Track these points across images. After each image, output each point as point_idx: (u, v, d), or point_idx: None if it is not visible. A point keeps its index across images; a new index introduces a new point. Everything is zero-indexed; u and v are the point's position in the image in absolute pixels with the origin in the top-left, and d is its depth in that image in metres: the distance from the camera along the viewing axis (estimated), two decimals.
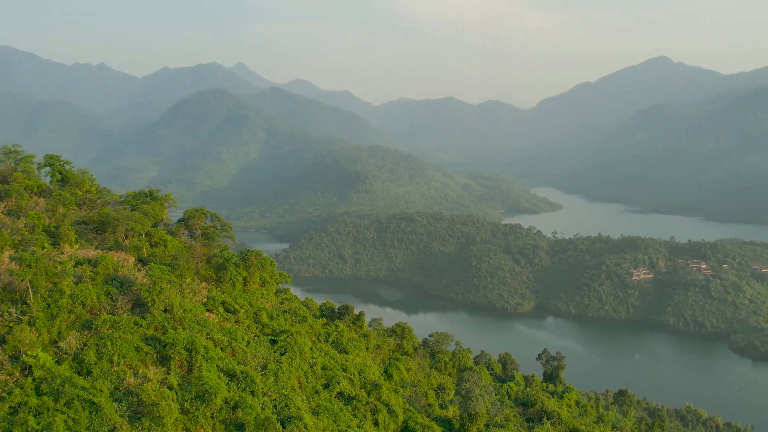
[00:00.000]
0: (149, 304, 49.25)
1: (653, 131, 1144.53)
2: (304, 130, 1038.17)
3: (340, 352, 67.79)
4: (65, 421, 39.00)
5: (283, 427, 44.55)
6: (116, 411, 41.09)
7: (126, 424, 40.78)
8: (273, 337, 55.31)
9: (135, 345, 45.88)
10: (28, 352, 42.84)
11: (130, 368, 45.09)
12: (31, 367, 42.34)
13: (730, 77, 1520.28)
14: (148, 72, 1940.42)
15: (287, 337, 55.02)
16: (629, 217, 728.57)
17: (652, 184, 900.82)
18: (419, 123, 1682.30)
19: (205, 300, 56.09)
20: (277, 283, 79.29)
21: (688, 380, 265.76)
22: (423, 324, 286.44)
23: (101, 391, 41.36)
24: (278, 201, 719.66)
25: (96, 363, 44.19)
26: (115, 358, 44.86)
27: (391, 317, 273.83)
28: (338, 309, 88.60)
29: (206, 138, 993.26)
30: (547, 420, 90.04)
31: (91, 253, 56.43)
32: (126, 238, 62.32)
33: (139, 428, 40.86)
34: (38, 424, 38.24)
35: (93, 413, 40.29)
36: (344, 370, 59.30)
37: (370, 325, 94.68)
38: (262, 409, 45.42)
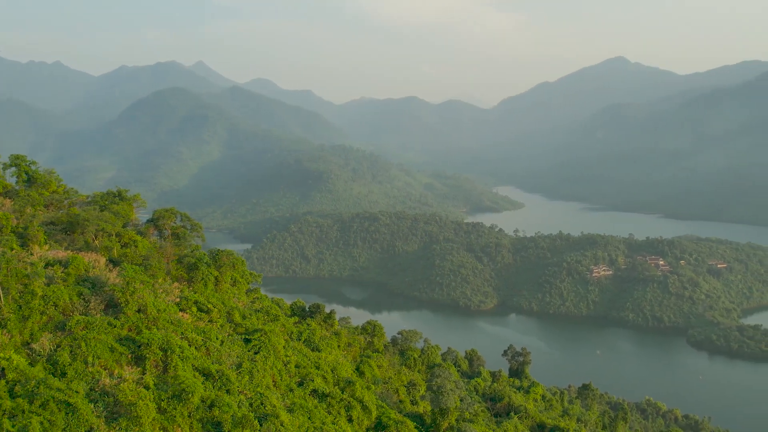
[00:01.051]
0: (123, 305, 49.02)
1: (612, 130, 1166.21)
2: (265, 130, 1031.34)
3: (313, 350, 68.23)
4: (41, 423, 38.74)
5: (260, 425, 44.84)
6: (93, 412, 40.94)
7: (103, 425, 40.66)
8: (247, 336, 55.54)
9: (109, 345, 45.68)
10: (1, 355, 42.39)
11: (105, 369, 44.89)
12: (3, 369, 41.90)
13: (685, 77, 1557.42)
14: (106, 70, 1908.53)
15: (261, 335, 55.29)
16: (589, 215, 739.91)
17: (611, 182, 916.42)
18: (381, 122, 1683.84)
19: (177, 300, 55.96)
20: (248, 283, 79.46)
21: (647, 374, 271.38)
22: (388, 323, 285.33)
23: (77, 392, 41.15)
24: (240, 201, 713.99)
25: (70, 364, 43.91)
26: (90, 358, 44.62)
27: (355, 316, 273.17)
28: (309, 308, 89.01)
29: (166, 137, 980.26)
30: (515, 414, 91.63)
31: (61, 254, 55.92)
32: (95, 239, 61.83)
33: (117, 428, 40.76)
34: (14, 426, 37.93)
35: (69, 414, 40.06)
36: (317, 367, 59.74)
37: (339, 324, 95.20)
38: (239, 407, 45.65)
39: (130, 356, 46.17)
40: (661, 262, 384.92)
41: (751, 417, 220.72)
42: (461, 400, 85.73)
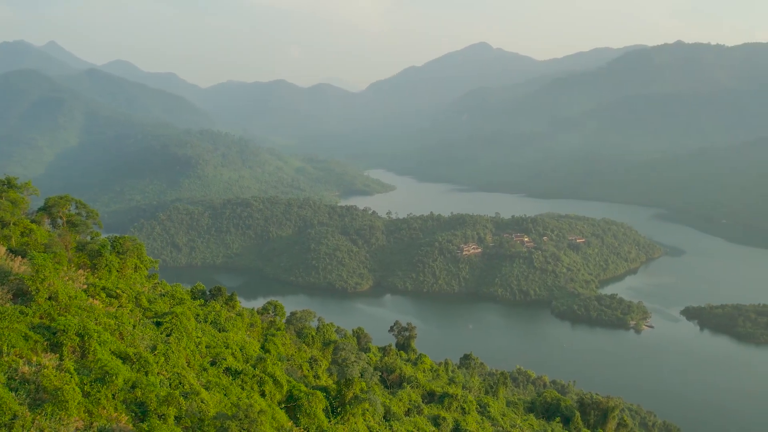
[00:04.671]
0: (33, 293, 48.45)
1: (477, 113, 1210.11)
2: (127, 114, 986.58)
3: (220, 330, 69.48)
4: None
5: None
6: (15, 399, 40.77)
7: (27, 412, 40.64)
8: (158, 320, 56.16)
9: (23, 334, 45.23)
10: None
11: (20, 357, 44.51)
12: None
13: (543, 63, 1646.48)
14: None
15: (172, 318, 56.10)
16: (457, 195, 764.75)
17: (477, 163, 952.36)
18: (250, 106, 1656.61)
19: (85, 287, 55.66)
20: (147, 269, 79.14)
21: (517, 345, 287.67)
22: None
23: None
24: (102, 189, 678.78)
25: None
26: (5, 348, 44.10)
27: None
28: (210, 291, 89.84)
29: (16, 123, 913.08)
30: (407, 384, 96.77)
31: None
32: None
33: (42, 414, 40.86)
34: None
35: None
36: (227, 347, 61.25)
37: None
38: (160, 387, 46.67)
39: (45, 343, 45.89)
40: (526, 239, 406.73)
41: (610, 378, 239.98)
42: (361, 374, 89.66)
